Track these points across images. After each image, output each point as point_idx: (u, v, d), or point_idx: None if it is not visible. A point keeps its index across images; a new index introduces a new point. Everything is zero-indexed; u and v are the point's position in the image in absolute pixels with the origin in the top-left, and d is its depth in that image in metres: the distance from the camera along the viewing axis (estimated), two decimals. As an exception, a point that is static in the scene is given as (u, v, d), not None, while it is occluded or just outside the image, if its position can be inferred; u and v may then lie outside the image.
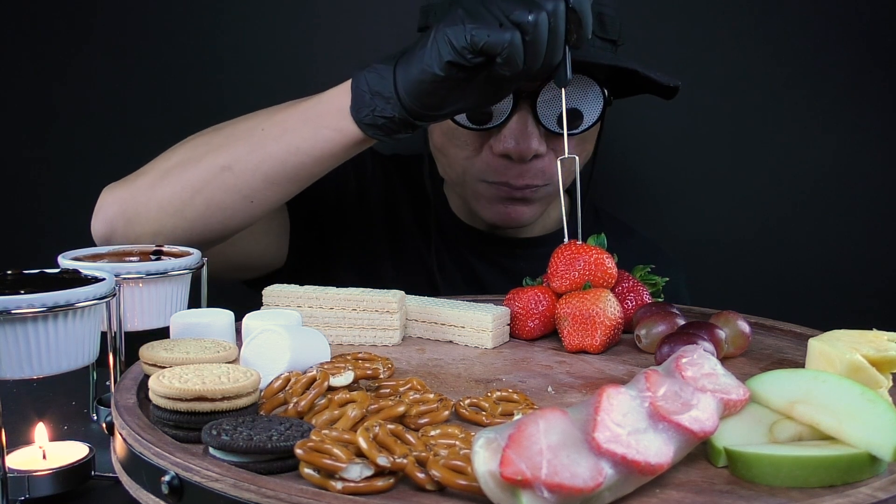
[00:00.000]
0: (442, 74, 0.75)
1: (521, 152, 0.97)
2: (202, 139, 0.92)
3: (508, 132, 0.97)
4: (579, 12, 0.72)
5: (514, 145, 0.96)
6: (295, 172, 0.86)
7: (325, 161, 0.86)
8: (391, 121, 0.80)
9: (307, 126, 0.84)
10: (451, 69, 0.74)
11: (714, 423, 0.52)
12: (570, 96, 0.93)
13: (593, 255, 0.80)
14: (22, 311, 0.60)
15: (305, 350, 0.66)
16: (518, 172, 1.00)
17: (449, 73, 0.75)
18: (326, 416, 0.56)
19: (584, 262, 0.80)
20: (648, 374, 0.53)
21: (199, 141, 0.92)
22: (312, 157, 0.85)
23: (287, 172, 0.86)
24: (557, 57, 0.73)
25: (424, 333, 0.84)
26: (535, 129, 0.97)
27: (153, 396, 0.57)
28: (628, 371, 0.74)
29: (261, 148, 0.86)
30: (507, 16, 0.71)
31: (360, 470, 0.48)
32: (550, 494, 0.43)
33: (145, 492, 0.53)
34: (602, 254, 0.81)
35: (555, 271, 0.81)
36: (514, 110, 0.96)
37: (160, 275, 0.76)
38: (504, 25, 0.71)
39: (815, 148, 1.33)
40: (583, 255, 0.80)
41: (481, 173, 1.02)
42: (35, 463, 0.66)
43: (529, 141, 0.96)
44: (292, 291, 0.82)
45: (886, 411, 0.51)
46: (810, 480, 0.49)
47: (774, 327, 0.88)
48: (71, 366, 0.65)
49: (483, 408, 0.61)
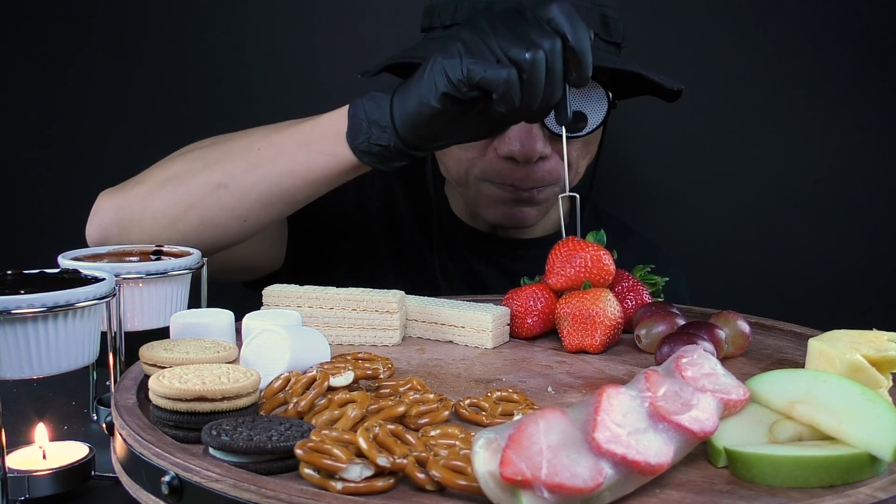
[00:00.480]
0: (438, 107, 0.75)
1: (525, 154, 0.97)
2: (200, 153, 0.92)
3: (513, 134, 0.96)
4: (578, 52, 0.72)
5: (518, 148, 0.96)
6: (289, 195, 0.87)
7: (320, 185, 0.86)
8: (386, 149, 0.80)
9: (302, 150, 0.84)
10: (446, 102, 0.75)
11: (714, 423, 0.52)
12: (574, 99, 0.93)
13: (590, 251, 0.80)
14: (22, 311, 0.60)
15: (305, 350, 0.66)
16: (524, 174, 1.00)
17: (445, 106, 0.75)
18: (326, 416, 0.56)
19: (581, 259, 0.79)
20: (648, 374, 0.53)
21: (197, 154, 0.92)
22: (307, 180, 0.85)
23: (281, 194, 0.87)
24: (556, 95, 0.73)
25: (424, 333, 0.84)
26: (539, 132, 0.97)
27: (153, 396, 0.57)
28: (628, 371, 0.74)
29: (256, 169, 0.86)
30: (505, 52, 0.71)
31: (360, 470, 0.48)
32: (550, 495, 0.43)
33: (145, 492, 0.53)
34: (599, 250, 0.80)
35: (552, 267, 0.81)
36: None
37: (160, 275, 0.76)
38: (501, 62, 0.71)
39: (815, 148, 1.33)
40: (581, 251, 0.80)
41: (486, 174, 1.02)
42: (35, 463, 0.66)
43: (534, 143, 0.96)
44: (292, 291, 0.82)
45: (886, 411, 0.51)
46: (810, 480, 0.49)
47: (774, 327, 0.88)
48: (71, 366, 0.65)
49: (483, 408, 0.61)
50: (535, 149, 0.96)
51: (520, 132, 0.96)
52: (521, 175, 1.00)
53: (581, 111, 0.96)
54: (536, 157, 0.97)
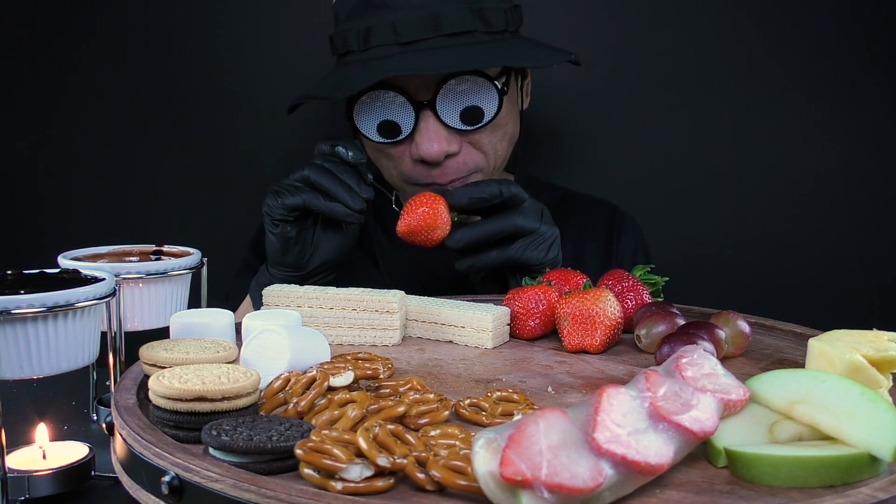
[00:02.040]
0: (275, 230, 0.94)
1: (431, 156, 1.01)
2: None
3: (418, 139, 1.01)
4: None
5: (424, 150, 1.01)
6: None
7: None
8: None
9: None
10: (278, 225, 0.94)
11: (714, 423, 0.52)
12: (466, 95, 0.99)
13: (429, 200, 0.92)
14: (22, 311, 0.60)
15: (305, 350, 0.66)
16: (440, 172, 1.04)
17: (283, 230, 0.94)
18: (326, 416, 0.56)
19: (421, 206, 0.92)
20: (648, 374, 0.53)
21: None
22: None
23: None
24: (358, 189, 0.92)
25: (424, 333, 0.84)
26: (441, 132, 1.01)
27: (153, 397, 0.57)
28: (628, 371, 0.74)
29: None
30: (295, 180, 0.94)
31: (360, 470, 0.48)
32: (550, 495, 0.43)
33: (145, 492, 0.53)
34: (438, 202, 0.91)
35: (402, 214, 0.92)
36: (418, 118, 1.01)
37: (160, 275, 0.76)
38: (298, 187, 0.93)
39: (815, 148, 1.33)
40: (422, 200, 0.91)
41: (406, 178, 1.07)
42: (35, 463, 0.66)
43: (437, 144, 1.01)
44: (292, 291, 0.82)
45: (886, 411, 0.51)
46: (810, 480, 0.49)
47: (774, 327, 0.88)
48: (71, 366, 0.65)
49: (483, 408, 0.61)
50: (440, 150, 1.01)
51: (422, 135, 1.01)
52: (437, 173, 1.04)
53: (475, 105, 1.00)
54: (442, 156, 1.02)
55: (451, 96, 1.00)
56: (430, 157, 1.01)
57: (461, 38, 0.98)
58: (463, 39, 0.98)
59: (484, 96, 1.01)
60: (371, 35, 0.98)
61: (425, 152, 1.01)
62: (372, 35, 0.98)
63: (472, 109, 1.00)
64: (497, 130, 1.05)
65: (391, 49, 0.98)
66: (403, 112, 1.00)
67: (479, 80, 1.00)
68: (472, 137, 1.03)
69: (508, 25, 1.02)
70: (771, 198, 1.35)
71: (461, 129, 1.01)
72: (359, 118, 1.02)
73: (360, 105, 1.01)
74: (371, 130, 1.02)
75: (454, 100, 1.00)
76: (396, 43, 0.98)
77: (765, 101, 1.33)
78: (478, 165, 1.05)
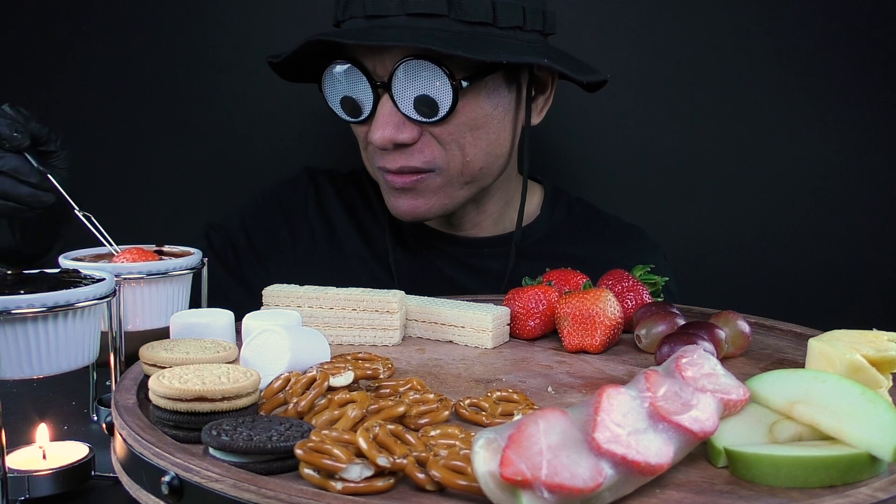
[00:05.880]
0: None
1: (376, 141, 0.99)
2: None
3: (373, 122, 0.99)
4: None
5: (371, 135, 0.99)
6: None
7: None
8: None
9: None
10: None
11: (714, 424, 0.52)
12: (420, 83, 0.95)
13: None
14: (22, 311, 0.60)
15: (305, 350, 0.66)
16: (391, 157, 1.01)
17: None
18: (326, 416, 0.56)
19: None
20: (648, 374, 0.53)
21: None
22: None
23: None
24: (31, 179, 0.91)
25: (424, 333, 0.84)
26: (393, 118, 0.98)
27: (153, 397, 0.57)
28: (628, 371, 0.74)
29: None
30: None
31: (360, 470, 0.48)
32: (550, 495, 0.43)
33: (145, 492, 0.53)
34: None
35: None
36: (376, 100, 0.98)
37: (160, 275, 0.76)
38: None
39: (816, 148, 1.33)
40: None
41: (372, 162, 1.05)
42: (35, 463, 0.66)
43: (385, 130, 0.98)
44: (292, 291, 0.82)
45: (886, 411, 0.51)
46: (810, 480, 0.49)
47: (774, 327, 0.88)
48: (71, 366, 0.65)
49: (483, 408, 0.61)
50: (382, 136, 0.98)
51: (376, 119, 0.99)
52: (387, 160, 1.01)
53: (427, 95, 0.96)
54: (389, 143, 0.98)
55: (407, 81, 0.95)
56: (375, 142, 0.98)
57: (429, 20, 0.94)
58: (430, 22, 0.94)
59: (438, 88, 0.96)
60: (348, 7, 0.98)
61: (371, 136, 0.99)
62: (349, 7, 0.98)
63: (425, 99, 0.96)
64: (476, 131, 1.00)
65: (359, 22, 0.97)
66: (364, 91, 0.98)
67: (430, 69, 0.95)
68: (435, 130, 0.99)
69: (503, 22, 0.97)
70: (771, 198, 1.35)
71: (416, 119, 0.97)
72: (326, 90, 1.01)
73: (327, 77, 1.00)
74: (336, 104, 1.01)
75: (409, 86, 0.96)
76: (364, 16, 0.96)
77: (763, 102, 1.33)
78: (435, 162, 1.00)
